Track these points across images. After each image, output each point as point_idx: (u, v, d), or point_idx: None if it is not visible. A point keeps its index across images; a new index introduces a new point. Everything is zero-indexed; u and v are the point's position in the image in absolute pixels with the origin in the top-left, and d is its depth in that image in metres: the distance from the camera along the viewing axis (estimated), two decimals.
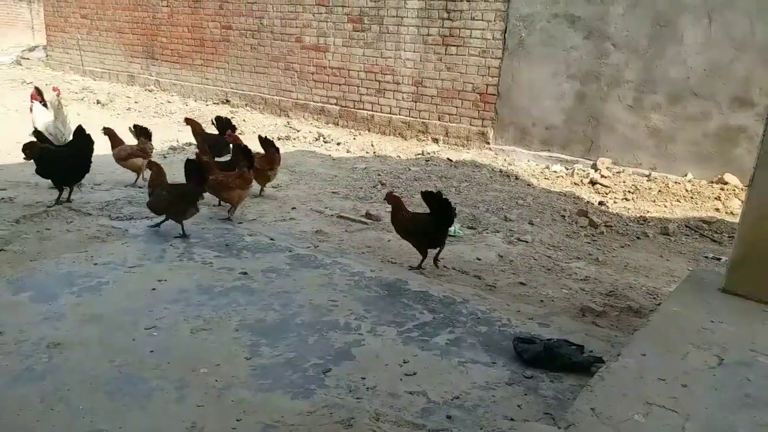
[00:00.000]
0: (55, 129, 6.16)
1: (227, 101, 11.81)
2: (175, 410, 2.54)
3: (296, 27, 10.64)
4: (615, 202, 6.82)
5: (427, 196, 4.31)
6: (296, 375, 2.85)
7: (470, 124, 9.00)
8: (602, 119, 7.91)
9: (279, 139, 9.50)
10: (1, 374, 2.72)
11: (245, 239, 4.77)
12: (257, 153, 5.75)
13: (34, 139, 5.39)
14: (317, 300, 3.72)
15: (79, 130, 5.31)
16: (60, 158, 5.23)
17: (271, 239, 4.82)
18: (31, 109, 6.59)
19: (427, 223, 4.33)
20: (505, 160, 8.47)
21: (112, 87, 13.27)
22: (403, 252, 4.74)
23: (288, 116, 10.96)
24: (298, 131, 10.00)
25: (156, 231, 4.75)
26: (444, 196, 4.24)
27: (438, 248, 4.39)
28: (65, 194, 5.33)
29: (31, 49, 17.93)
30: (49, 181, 5.33)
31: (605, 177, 7.52)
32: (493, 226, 5.64)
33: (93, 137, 5.36)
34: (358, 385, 2.80)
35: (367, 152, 8.90)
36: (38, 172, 5.20)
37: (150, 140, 6.15)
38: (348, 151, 8.92)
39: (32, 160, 5.15)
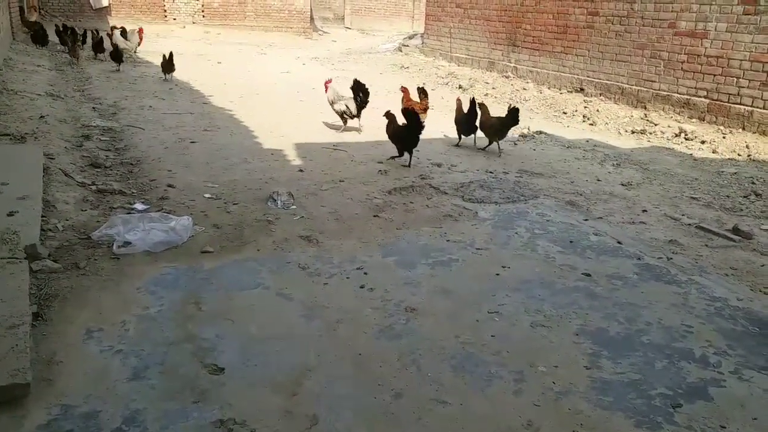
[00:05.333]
0: (124, 44, 12.90)
1: (581, 89, 11.50)
2: (512, 402, 2.58)
3: (671, 11, 9.65)
4: None
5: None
6: (640, 401, 2.61)
7: None
8: None
9: (633, 132, 8.86)
10: (370, 326, 3.16)
11: (590, 238, 4.58)
12: None
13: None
14: (668, 321, 3.35)
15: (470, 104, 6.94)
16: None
17: (619, 242, 4.53)
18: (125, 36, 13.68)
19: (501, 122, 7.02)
20: None
21: (473, 73, 14.18)
22: None
23: (645, 108, 10.11)
24: (655, 125, 9.14)
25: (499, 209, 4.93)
26: (514, 107, 6.90)
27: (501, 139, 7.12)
28: None
29: (411, 37, 20.36)
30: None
31: None
32: None
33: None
34: None
35: (738, 154, 7.63)
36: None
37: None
38: (714, 152, 7.80)
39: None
